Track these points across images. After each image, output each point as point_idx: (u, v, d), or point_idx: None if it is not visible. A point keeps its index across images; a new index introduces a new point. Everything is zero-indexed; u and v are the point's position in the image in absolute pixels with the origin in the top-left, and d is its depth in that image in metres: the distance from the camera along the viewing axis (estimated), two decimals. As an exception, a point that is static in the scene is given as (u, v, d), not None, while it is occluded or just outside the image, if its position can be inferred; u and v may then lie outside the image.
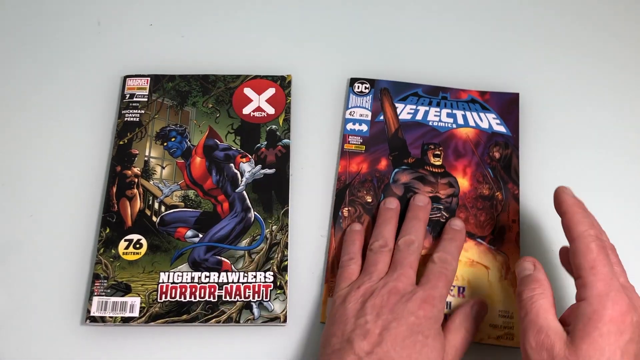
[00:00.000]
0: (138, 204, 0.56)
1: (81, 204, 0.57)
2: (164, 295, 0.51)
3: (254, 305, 0.51)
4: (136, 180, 0.57)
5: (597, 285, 0.41)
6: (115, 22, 0.68)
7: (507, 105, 0.61)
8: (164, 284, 0.52)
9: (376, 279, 0.48)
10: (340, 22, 0.68)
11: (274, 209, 0.56)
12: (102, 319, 0.50)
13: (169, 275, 0.52)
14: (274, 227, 0.55)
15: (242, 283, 0.52)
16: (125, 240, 0.54)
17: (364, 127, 0.60)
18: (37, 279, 0.53)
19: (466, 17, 0.68)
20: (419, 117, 0.60)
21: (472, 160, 0.58)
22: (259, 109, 0.61)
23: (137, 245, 0.54)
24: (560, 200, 0.47)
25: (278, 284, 0.52)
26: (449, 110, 0.60)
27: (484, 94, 0.62)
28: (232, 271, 0.53)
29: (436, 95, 0.61)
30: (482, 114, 0.60)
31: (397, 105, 0.61)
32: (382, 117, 0.60)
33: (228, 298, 0.51)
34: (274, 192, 0.57)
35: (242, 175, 0.57)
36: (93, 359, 0.50)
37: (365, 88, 0.62)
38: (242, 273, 0.53)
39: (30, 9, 0.69)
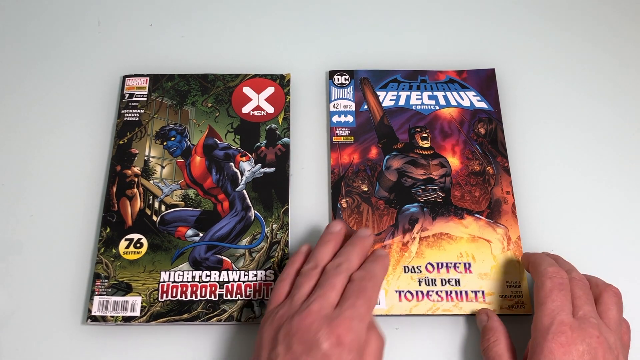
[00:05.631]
0: (138, 203, 0.56)
1: (81, 204, 0.57)
2: (164, 295, 0.51)
3: (255, 304, 0.51)
4: (136, 179, 0.57)
5: (541, 321, 0.44)
6: (115, 22, 0.68)
7: (485, 81, 0.62)
8: (165, 283, 0.52)
9: (297, 303, 0.44)
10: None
11: (274, 207, 0.56)
12: (103, 319, 0.50)
13: (169, 275, 0.52)
14: (274, 226, 0.55)
15: (243, 282, 0.52)
16: (126, 240, 0.54)
17: (350, 118, 0.60)
18: (38, 278, 0.53)
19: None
20: (402, 102, 0.61)
21: (459, 138, 0.59)
22: (258, 107, 0.61)
23: (138, 245, 0.54)
24: (527, 257, 0.51)
25: (279, 282, 0.52)
26: (430, 93, 0.62)
27: (461, 72, 0.63)
28: (232, 270, 0.53)
29: (415, 79, 0.63)
30: (462, 93, 0.62)
31: (378, 93, 0.62)
32: (366, 107, 0.61)
33: (229, 297, 0.51)
34: (274, 191, 0.57)
35: (242, 174, 0.57)
36: (94, 358, 0.50)
37: (345, 80, 0.62)
38: (243, 272, 0.53)
39: (30, 9, 0.69)
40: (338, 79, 0.63)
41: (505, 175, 0.57)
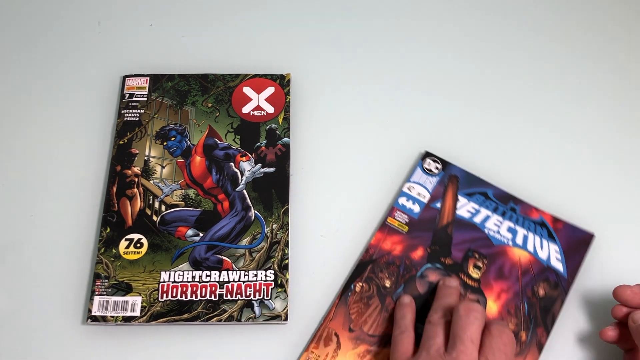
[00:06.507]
0: (138, 203, 0.56)
1: (81, 204, 0.57)
2: (165, 295, 0.51)
3: (255, 304, 0.51)
4: (136, 179, 0.57)
5: None
6: (115, 22, 0.68)
7: (576, 243, 0.53)
8: (165, 283, 0.52)
9: (435, 355, 0.44)
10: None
11: (274, 207, 0.56)
12: (104, 319, 0.50)
13: (169, 275, 0.52)
14: (274, 226, 0.55)
15: (243, 282, 0.52)
16: (126, 240, 0.54)
17: (416, 208, 0.55)
18: (38, 279, 0.53)
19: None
20: (477, 219, 0.54)
21: (513, 287, 0.51)
22: (258, 107, 0.61)
23: (138, 245, 0.54)
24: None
25: (279, 282, 0.52)
26: (512, 225, 0.54)
27: (557, 221, 0.55)
28: (232, 270, 0.53)
29: (505, 203, 0.55)
30: (545, 242, 0.53)
31: (460, 198, 0.55)
32: (438, 205, 0.55)
33: (229, 297, 0.51)
34: (274, 191, 0.57)
35: (242, 174, 0.57)
36: (94, 359, 0.50)
37: (436, 168, 0.57)
38: (243, 272, 0.53)
39: (30, 9, 0.69)
40: (430, 163, 0.57)
41: (535, 351, 0.49)
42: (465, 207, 0.55)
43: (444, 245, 0.53)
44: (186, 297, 0.51)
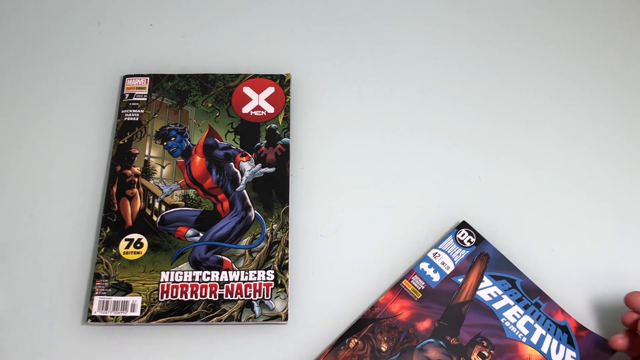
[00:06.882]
0: (138, 203, 0.56)
1: (81, 204, 0.57)
2: (165, 295, 0.51)
3: (255, 304, 0.51)
4: (136, 179, 0.57)
5: None
6: (115, 22, 0.68)
7: (595, 352, 0.49)
8: (165, 283, 0.52)
9: None
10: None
11: (274, 207, 0.56)
12: (104, 319, 0.50)
13: (169, 275, 0.52)
14: (274, 226, 0.55)
15: (243, 282, 0.52)
16: (126, 240, 0.54)
17: (436, 277, 0.52)
18: (38, 278, 0.53)
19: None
20: (497, 306, 0.51)
21: None
22: (258, 107, 0.61)
23: (138, 245, 0.54)
24: None
25: (279, 282, 0.52)
26: (532, 321, 0.50)
27: (581, 329, 0.50)
28: (232, 270, 0.53)
29: (532, 297, 0.51)
30: (562, 347, 0.49)
31: (485, 279, 0.52)
32: (460, 280, 0.52)
33: (229, 297, 0.51)
34: (274, 191, 0.57)
35: (242, 174, 0.57)
36: (94, 359, 0.50)
37: (469, 242, 0.53)
38: (243, 272, 0.53)
39: (30, 9, 0.69)
40: (464, 234, 0.54)
41: None
42: (487, 290, 0.51)
43: (454, 324, 0.50)
44: (186, 297, 0.51)
